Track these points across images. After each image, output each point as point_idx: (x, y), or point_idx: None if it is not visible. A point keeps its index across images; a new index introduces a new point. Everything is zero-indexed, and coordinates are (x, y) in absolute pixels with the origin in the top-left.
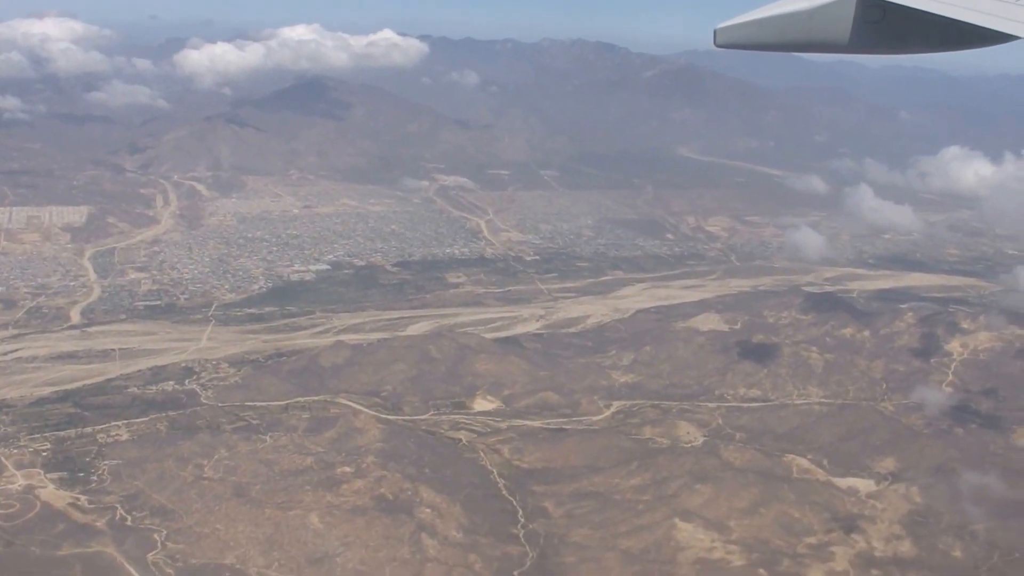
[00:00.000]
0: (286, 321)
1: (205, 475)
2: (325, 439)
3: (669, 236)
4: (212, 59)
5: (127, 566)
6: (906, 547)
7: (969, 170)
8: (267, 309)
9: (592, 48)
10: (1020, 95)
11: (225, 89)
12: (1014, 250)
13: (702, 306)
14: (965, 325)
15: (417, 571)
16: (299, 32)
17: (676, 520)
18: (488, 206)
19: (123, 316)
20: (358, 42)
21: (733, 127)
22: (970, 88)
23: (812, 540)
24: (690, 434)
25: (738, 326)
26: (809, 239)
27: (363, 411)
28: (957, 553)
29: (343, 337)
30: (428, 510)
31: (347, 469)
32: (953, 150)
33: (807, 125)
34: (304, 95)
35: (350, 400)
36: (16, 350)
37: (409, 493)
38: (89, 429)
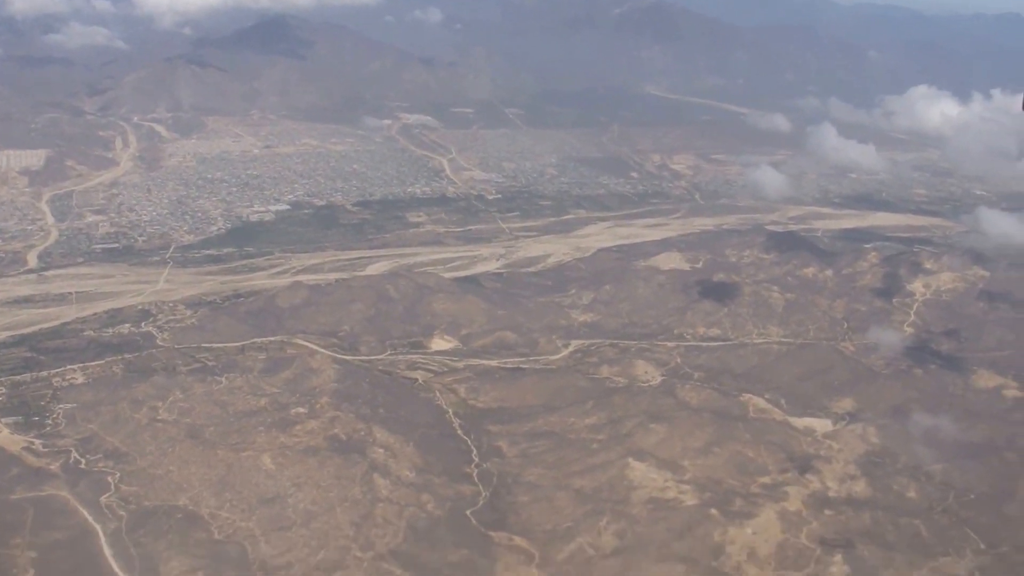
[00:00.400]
0: (244, 262)
1: (159, 417)
2: (280, 380)
3: (633, 174)
4: None
5: (80, 509)
6: (860, 487)
7: (935, 110)
8: (225, 250)
9: None
10: (994, 34)
11: (186, 29)
12: (982, 190)
13: (664, 245)
14: (928, 265)
15: (368, 511)
16: None
17: (630, 459)
18: (451, 145)
19: (80, 259)
20: None
21: (701, 65)
22: (942, 27)
23: (766, 480)
24: (648, 373)
25: (700, 265)
26: (772, 178)
27: (319, 351)
28: (912, 494)
29: (301, 278)
30: (381, 450)
31: (301, 410)
32: (920, 89)
33: (776, 63)
34: (266, 34)
35: (307, 341)
36: None
37: (362, 433)
38: (44, 373)
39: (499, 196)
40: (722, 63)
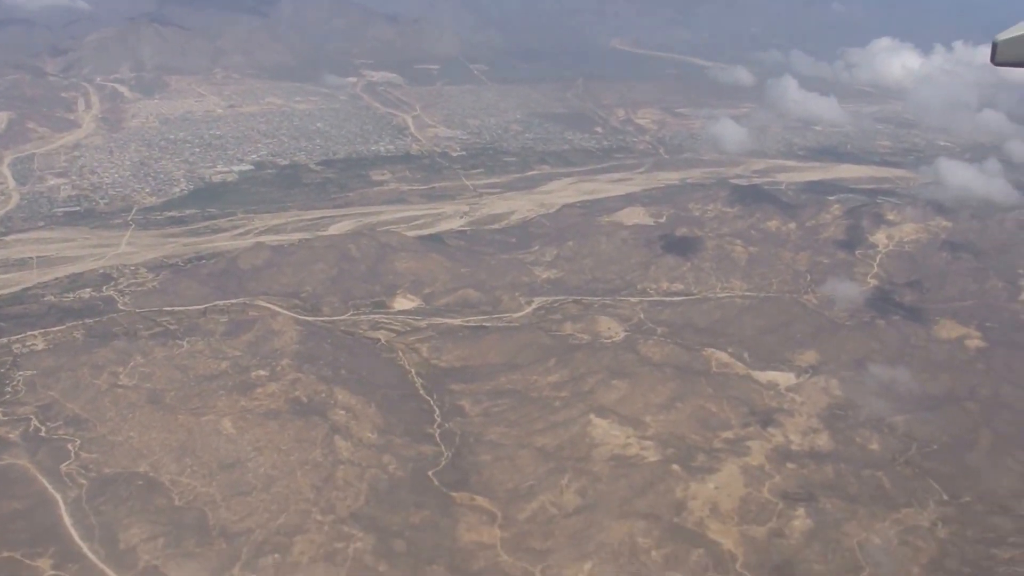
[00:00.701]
0: (207, 223)
1: (120, 383)
2: (242, 342)
3: (598, 129)
4: None
5: (40, 477)
6: (823, 440)
7: (896, 62)
8: (188, 212)
9: None
10: None
11: None
12: (946, 141)
13: (628, 200)
14: (891, 217)
15: (329, 473)
16: None
17: (592, 416)
18: (416, 102)
19: (41, 223)
20: None
21: (668, 19)
22: None
23: (728, 435)
24: (611, 329)
25: (663, 220)
26: (732, 131)
27: (281, 313)
28: (874, 446)
29: (264, 238)
30: (342, 412)
31: (262, 372)
32: (883, 42)
33: (742, 17)
34: None
35: (269, 302)
36: None
37: (324, 395)
38: (4, 340)
39: (463, 153)
40: (688, 17)
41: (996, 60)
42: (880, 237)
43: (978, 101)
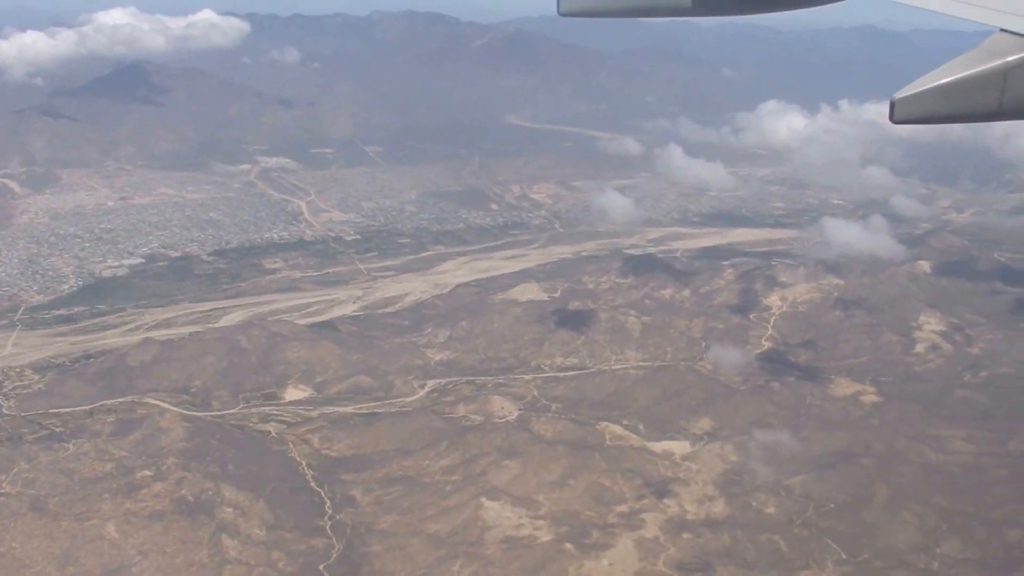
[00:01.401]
0: (96, 320)
1: (2, 490)
2: (129, 442)
3: (493, 206)
4: (21, 49)
5: None
6: (719, 507)
7: (782, 124)
8: (76, 309)
9: (422, 19)
10: (851, 47)
11: (37, 79)
12: (839, 199)
13: (522, 276)
14: (783, 278)
15: (215, 574)
16: (114, 16)
17: (483, 499)
18: (310, 186)
19: None
20: (177, 24)
21: (565, 92)
22: (800, 42)
23: (623, 508)
24: (504, 408)
25: (557, 294)
26: (619, 202)
27: (169, 410)
28: (771, 509)
29: (154, 333)
30: (230, 509)
31: (147, 473)
32: (770, 104)
33: (640, 86)
34: (122, 82)
35: (158, 399)
36: None
37: (210, 493)
38: None
39: (357, 236)
40: (586, 89)
41: (895, 118)
42: (774, 299)
43: (862, 157)
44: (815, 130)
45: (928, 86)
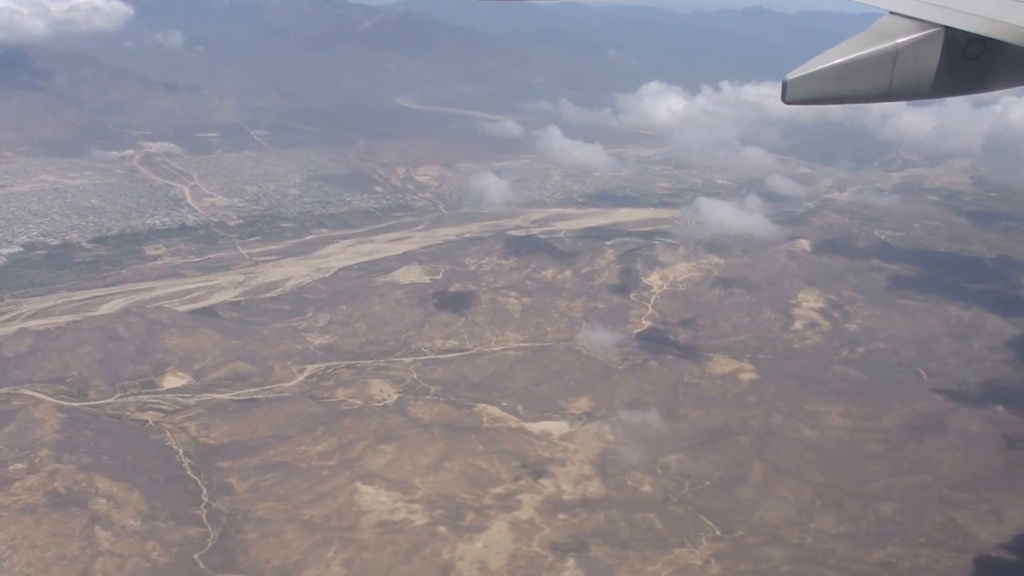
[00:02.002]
0: None
1: None
2: (2, 435)
3: (378, 189)
4: None
5: None
6: (595, 487)
7: (662, 105)
8: None
9: (309, 1)
10: (739, 28)
11: None
12: (723, 179)
13: (405, 258)
14: (664, 257)
15: (86, 567)
16: None
17: (358, 484)
18: (194, 171)
19: None
20: (58, 7)
21: (452, 74)
22: (688, 23)
23: (499, 490)
24: (383, 392)
25: (439, 276)
26: (496, 184)
27: (44, 401)
28: (646, 488)
29: (31, 323)
30: (104, 500)
31: (20, 466)
32: (651, 86)
33: (527, 69)
34: (1, 67)
35: (33, 390)
36: None
37: (84, 484)
38: None
39: (241, 221)
40: (473, 71)
41: (787, 99)
42: (654, 278)
43: (741, 138)
44: (695, 111)
45: (820, 67)
